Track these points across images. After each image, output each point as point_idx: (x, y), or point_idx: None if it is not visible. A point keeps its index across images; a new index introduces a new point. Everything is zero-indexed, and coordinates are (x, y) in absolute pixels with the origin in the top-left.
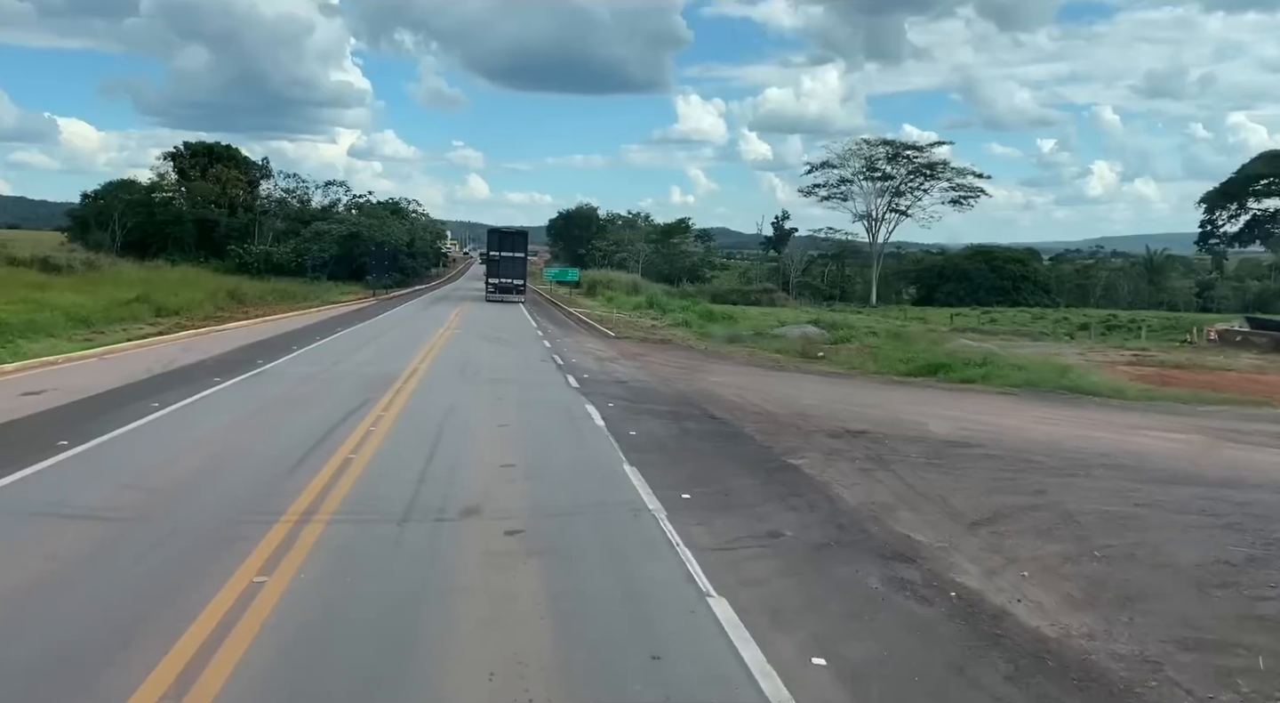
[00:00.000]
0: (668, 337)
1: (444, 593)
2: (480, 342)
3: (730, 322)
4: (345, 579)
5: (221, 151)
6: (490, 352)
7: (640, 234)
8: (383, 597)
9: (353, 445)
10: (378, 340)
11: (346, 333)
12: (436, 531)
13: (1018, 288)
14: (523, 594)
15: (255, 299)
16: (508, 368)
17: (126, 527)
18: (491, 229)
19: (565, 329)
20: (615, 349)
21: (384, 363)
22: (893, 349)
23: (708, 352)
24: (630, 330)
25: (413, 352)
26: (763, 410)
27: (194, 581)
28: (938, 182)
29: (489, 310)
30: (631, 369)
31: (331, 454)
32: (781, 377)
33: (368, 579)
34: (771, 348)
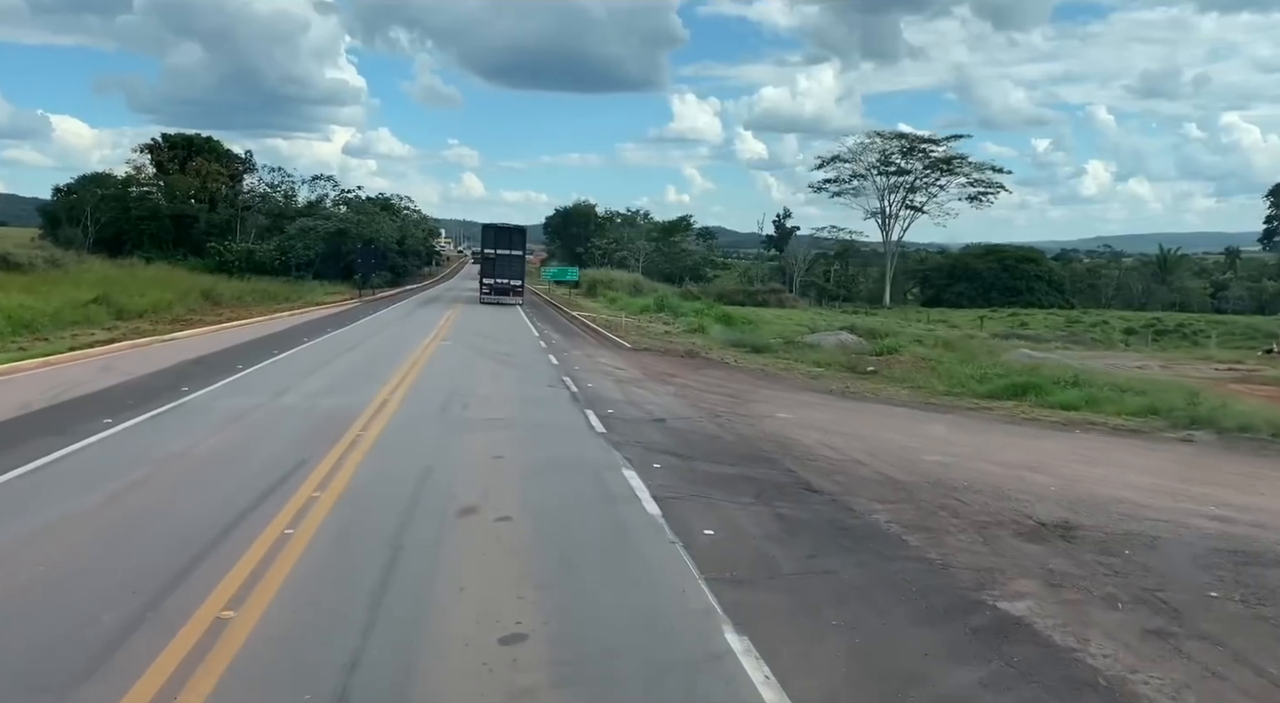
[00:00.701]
0: (691, 347)
1: None
2: (473, 357)
3: (750, 327)
4: None
5: (202, 144)
6: (485, 372)
7: (641, 232)
8: None
9: (239, 584)
10: (349, 355)
11: (315, 344)
12: None
13: (1030, 288)
14: None
15: (232, 300)
16: (507, 400)
17: None
18: (486, 225)
19: (571, 338)
20: (636, 366)
21: (345, 392)
22: (955, 363)
23: (748, 369)
24: (645, 339)
25: (387, 373)
26: (878, 474)
27: None
28: (955, 177)
29: (484, 314)
30: (666, 397)
31: (192, 612)
32: (862, 410)
33: None
34: (809, 360)
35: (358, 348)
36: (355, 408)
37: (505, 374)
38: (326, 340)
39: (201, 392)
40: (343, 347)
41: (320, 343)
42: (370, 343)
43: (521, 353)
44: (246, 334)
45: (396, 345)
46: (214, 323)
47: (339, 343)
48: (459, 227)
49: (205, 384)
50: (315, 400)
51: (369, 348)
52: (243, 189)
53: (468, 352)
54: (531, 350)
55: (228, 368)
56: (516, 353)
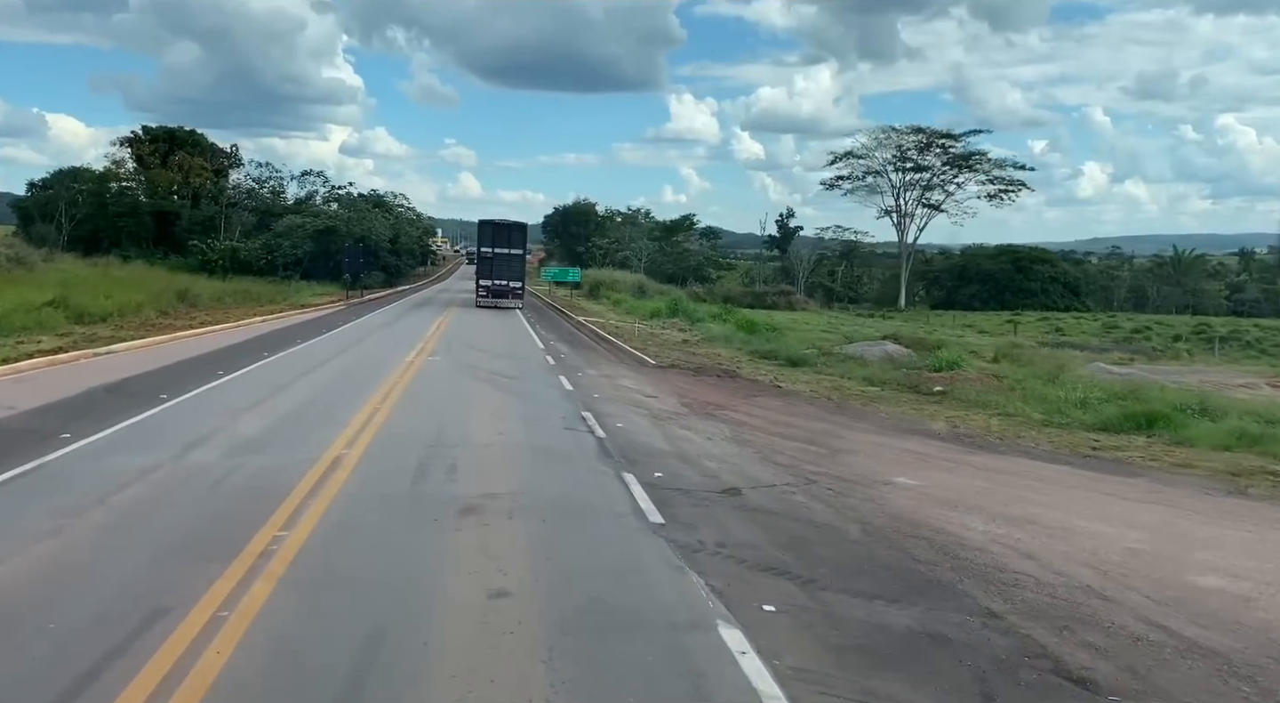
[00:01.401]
0: (721, 362)
1: None
2: (465, 380)
3: (775, 335)
4: None
5: (185, 137)
6: (481, 405)
7: (642, 231)
8: None
9: None
10: (311, 377)
11: (276, 360)
12: None
13: (1045, 290)
14: None
15: (210, 302)
16: (511, 457)
17: None
18: (483, 221)
19: (581, 350)
20: (668, 390)
21: (285, 444)
22: (1036, 382)
23: (807, 395)
24: (666, 351)
25: (352, 408)
26: (1155, 628)
27: None
28: (973, 174)
29: (480, 320)
30: (725, 444)
31: None
32: (1004, 469)
33: None
34: (857, 376)
35: (326, 366)
36: (289, 476)
37: (507, 408)
38: (292, 355)
39: (85, 442)
40: (308, 364)
41: (283, 359)
42: (343, 359)
43: (526, 372)
44: (201, 346)
45: (374, 363)
46: (180, 329)
47: (306, 359)
48: (456, 226)
49: (100, 427)
50: (237, 460)
51: (340, 366)
52: (228, 185)
53: (460, 373)
54: (537, 369)
55: (147, 398)
56: (520, 373)
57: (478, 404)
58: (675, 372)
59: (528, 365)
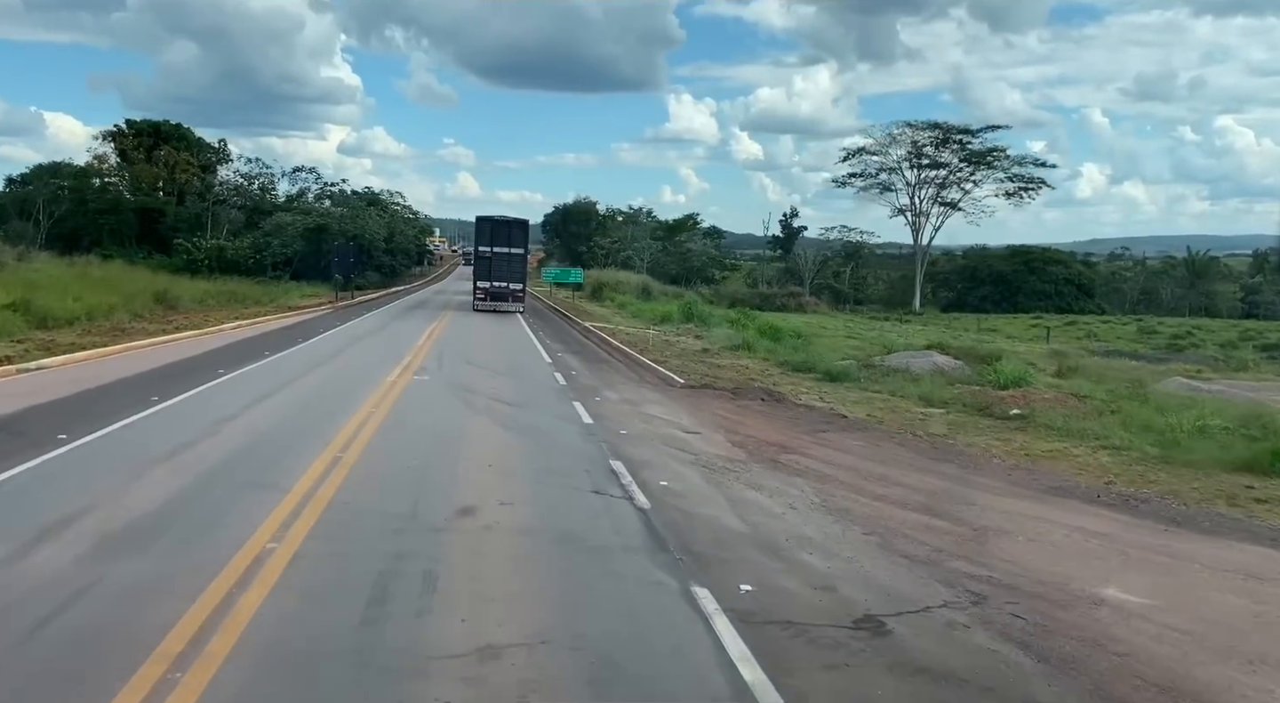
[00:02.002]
0: (758, 379)
1: None
2: (456, 410)
3: (801, 342)
4: None
5: (170, 131)
6: (475, 450)
7: (645, 230)
8: None
9: None
10: (260, 407)
11: (226, 381)
12: None
13: (1059, 292)
14: None
15: (191, 304)
16: (521, 552)
17: None
18: (481, 218)
19: (594, 364)
20: (713, 424)
21: (187, 534)
22: (1130, 404)
23: (894, 432)
24: (690, 364)
25: (302, 459)
26: None
27: None
28: (992, 171)
29: (478, 326)
30: (823, 522)
31: None
32: (1246, 571)
33: None
34: (911, 395)
35: (286, 390)
36: (165, 609)
37: (511, 454)
38: (252, 372)
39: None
40: (265, 387)
41: (238, 379)
42: (312, 379)
43: (532, 397)
44: (153, 359)
45: (348, 385)
46: (149, 335)
47: (266, 378)
48: (455, 226)
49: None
50: (99, 568)
51: (304, 390)
52: (216, 181)
53: (451, 398)
54: (545, 391)
55: (34, 444)
56: (525, 398)
57: (473, 449)
58: (710, 393)
59: (534, 386)
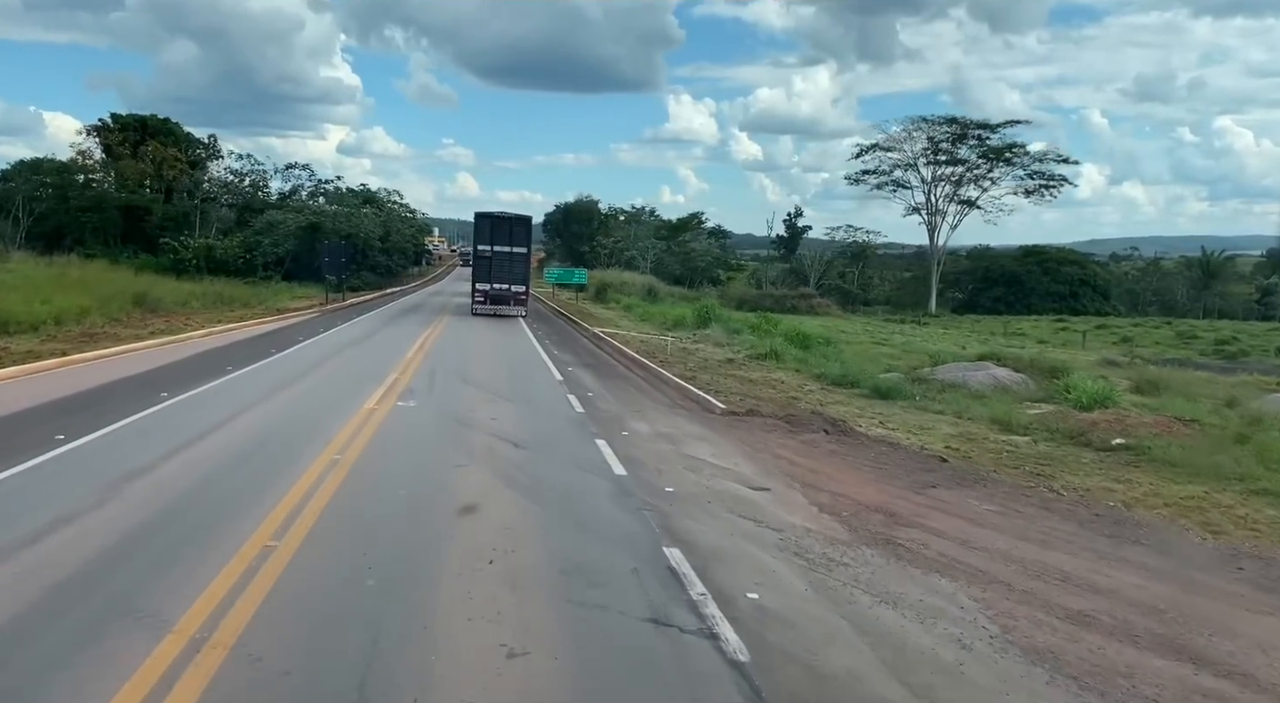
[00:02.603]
0: (801, 396)
1: None
2: (446, 457)
3: (831, 350)
4: None
5: (157, 126)
6: (469, 521)
7: (648, 230)
8: None
9: None
10: (190, 452)
11: (161, 411)
12: None
13: (1075, 294)
14: None
15: (173, 306)
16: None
17: None
18: (481, 214)
19: (612, 381)
20: (782, 473)
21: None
22: (1269, 434)
23: (1045, 498)
24: (720, 379)
25: (218, 552)
26: None
27: None
28: (1012, 168)
29: (477, 333)
30: (1029, 677)
31: None
32: None
33: None
34: (980, 416)
35: (227, 427)
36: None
37: (520, 543)
38: (196, 398)
39: None
40: (202, 424)
41: (178, 406)
42: (265, 410)
43: (543, 433)
44: (95, 375)
45: (310, 417)
46: (114, 344)
47: (208, 409)
48: (455, 226)
49: None
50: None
51: (248, 430)
52: (205, 178)
53: (441, 435)
54: (560, 424)
55: None
56: (534, 434)
57: (465, 532)
58: (759, 423)
59: (544, 416)
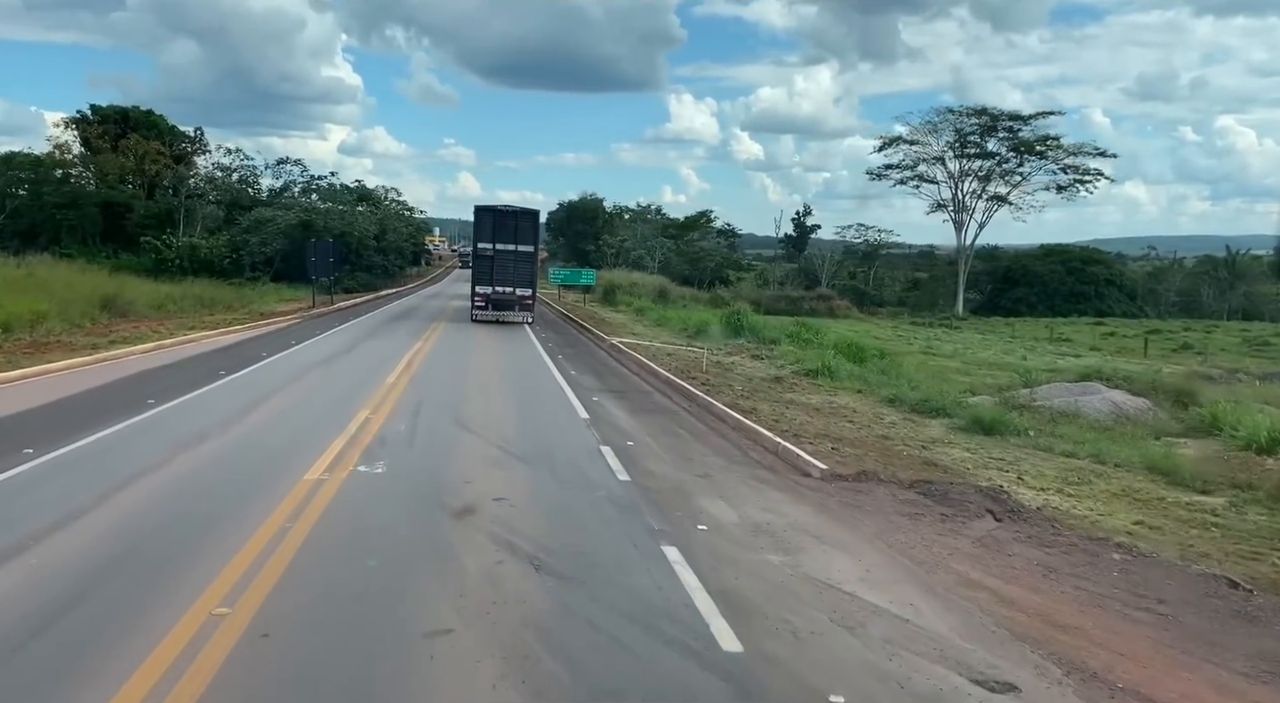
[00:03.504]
0: (884, 430)
1: None
2: (416, 576)
3: (889, 365)
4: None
5: (140, 118)
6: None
7: (655, 228)
8: None
9: None
10: (50, 548)
11: (24, 477)
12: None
13: (1100, 294)
14: None
15: (147, 309)
16: None
17: None
18: (482, 208)
19: (653, 418)
20: (1003, 629)
21: None
22: None
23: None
24: (784, 409)
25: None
26: None
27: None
28: (1044, 162)
29: (477, 345)
30: None
31: None
32: None
33: None
34: (1121, 459)
35: (135, 486)
36: None
37: None
38: (76, 457)
39: None
40: (75, 504)
41: (36, 476)
42: (156, 483)
43: (576, 522)
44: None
45: (222, 499)
46: (62, 356)
47: (79, 481)
48: (456, 226)
49: None
50: None
51: (165, 485)
52: (191, 174)
53: (418, 536)
54: (601, 503)
55: None
56: (563, 530)
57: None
58: (889, 498)
59: (576, 490)
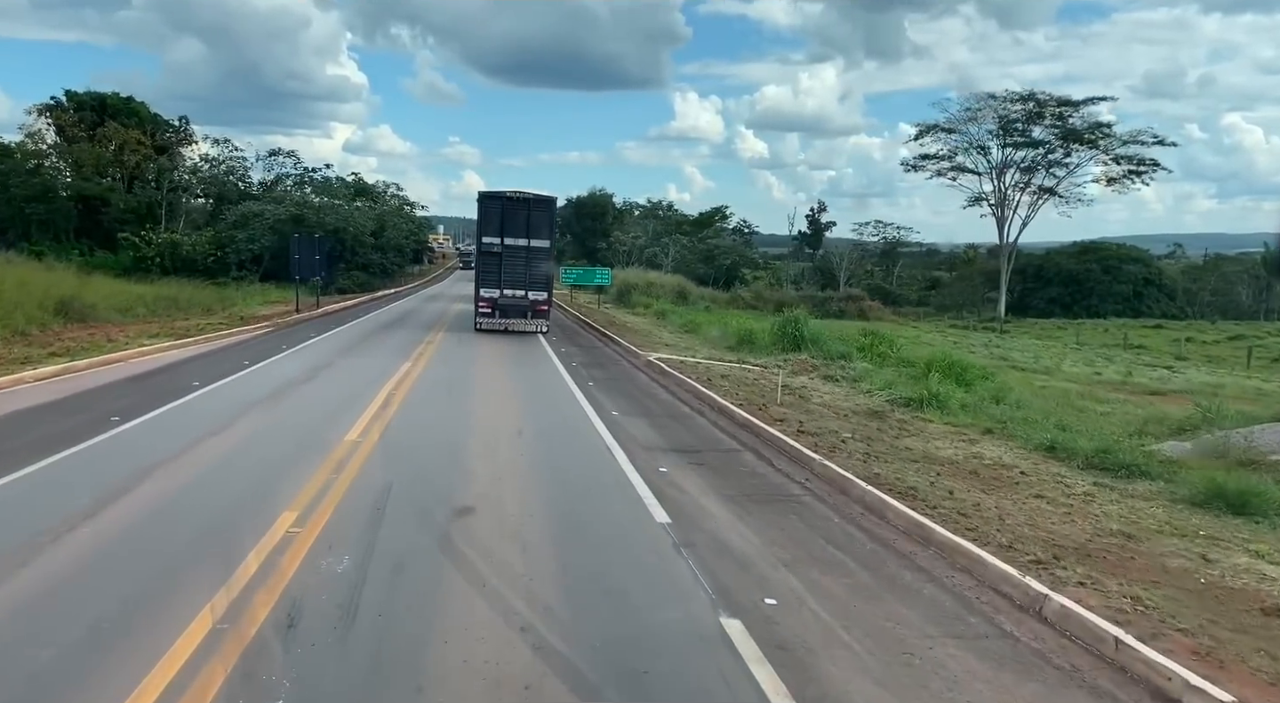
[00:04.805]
0: (1127, 533)
1: None
2: None
3: (993, 385)
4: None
5: (118, 105)
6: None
7: (669, 225)
8: None
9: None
10: None
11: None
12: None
13: (1139, 294)
14: None
15: (112, 313)
16: None
17: None
18: (488, 194)
19: (781, 520)
20: None
21: None
22: None
23: None
24: (927, 472)
25: None
26: None
27: None
28: (1095, 151)
29: (480, 367)
30: None
31: None
32: None
33: None
34: None
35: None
36: None
37: None
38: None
39: None
40: None
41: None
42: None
43: None
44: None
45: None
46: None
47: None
48: (459, 224)
49: None
50: None
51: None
52: (174, 165)
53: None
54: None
55: None
56: None
57: None
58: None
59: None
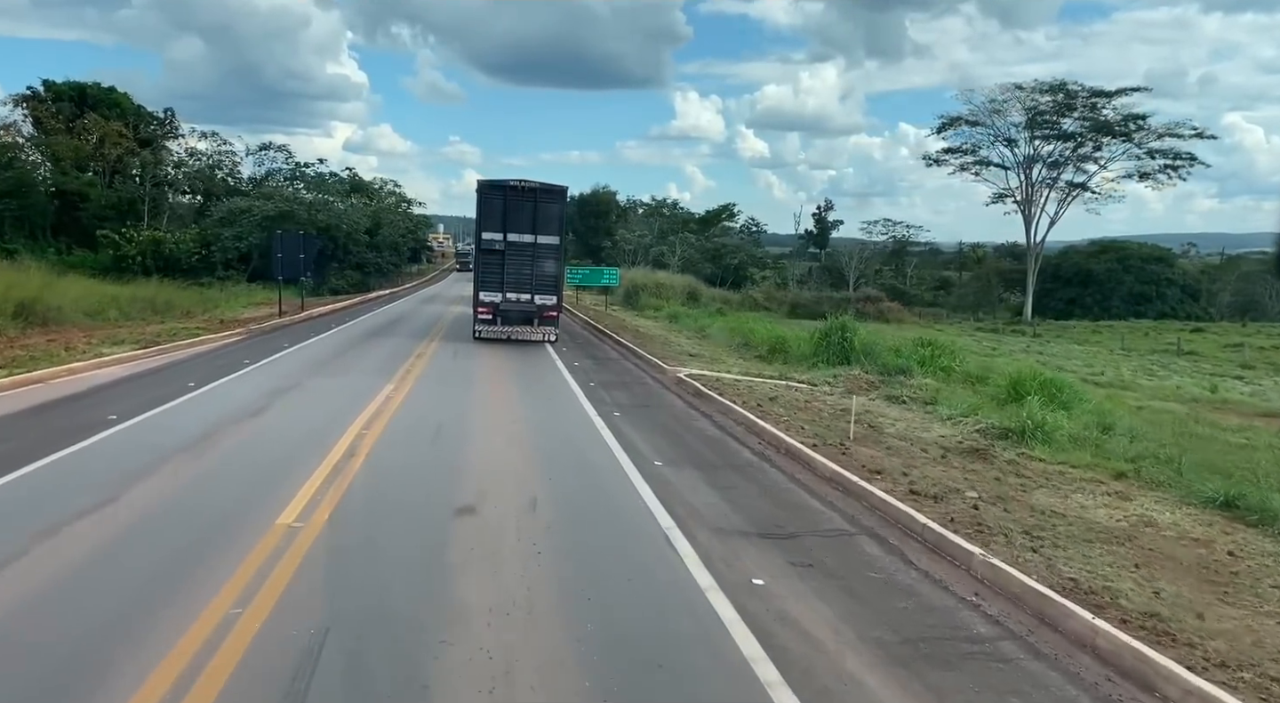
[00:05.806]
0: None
1: None
2: None
3: (1093, 407)
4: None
5: (99, 95)
6: None
7: (674, 224)
8: None
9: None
10: None
11: None
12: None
13: (1162, 295)
14: None
15: (80, 316)
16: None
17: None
18: (490, 183)
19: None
20: None
21: None
22: None
23: None
24: (1096, 559)
25: None
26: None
27: None
28: (1128, 145)
29: (478, 387)
30: None
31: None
32: None
33: None
34: None
35: None
36: None
37: None
38: None
39: None
40: None
41: None
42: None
43: None
44: None
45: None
46: None
47: None
48: (459, 224)
49: None
50: None
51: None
52: (160, 159)
53: None
54: None
55: None
56: None
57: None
58: None
59: None
